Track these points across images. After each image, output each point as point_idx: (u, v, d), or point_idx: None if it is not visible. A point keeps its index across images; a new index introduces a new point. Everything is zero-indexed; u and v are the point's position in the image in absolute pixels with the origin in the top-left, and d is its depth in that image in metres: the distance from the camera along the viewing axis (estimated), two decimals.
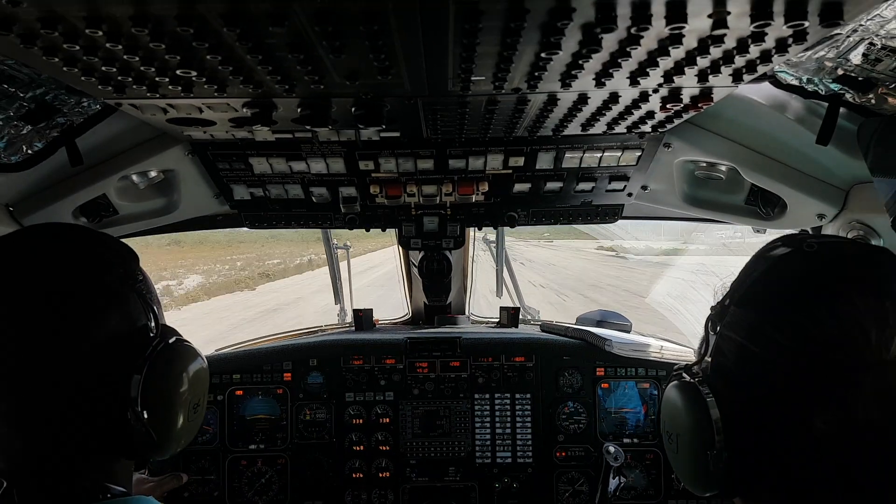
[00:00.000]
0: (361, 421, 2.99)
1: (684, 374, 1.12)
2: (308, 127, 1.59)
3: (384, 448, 2.98)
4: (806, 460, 0.94)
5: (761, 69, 1.26)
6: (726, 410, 1.00)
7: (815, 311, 0.94)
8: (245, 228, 2.59)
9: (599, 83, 1.33)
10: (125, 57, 1.12)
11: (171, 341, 1.20)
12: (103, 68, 1.17)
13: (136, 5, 0.93)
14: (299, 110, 1.53)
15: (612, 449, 2.70)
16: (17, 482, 1.05)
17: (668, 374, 2.97)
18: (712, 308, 1.10)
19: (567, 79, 1.31)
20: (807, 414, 0.92)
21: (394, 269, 3.83)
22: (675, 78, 1.31)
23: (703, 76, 1.30)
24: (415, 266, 3.19)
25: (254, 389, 3.00)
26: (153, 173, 2.14)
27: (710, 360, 1.08)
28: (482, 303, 4.79)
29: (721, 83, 1.38)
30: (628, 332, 3.32)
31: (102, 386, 1.11)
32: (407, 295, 3.74)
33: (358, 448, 2.97)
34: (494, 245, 4.04)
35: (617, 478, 2.68)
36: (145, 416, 1.12)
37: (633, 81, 1.32)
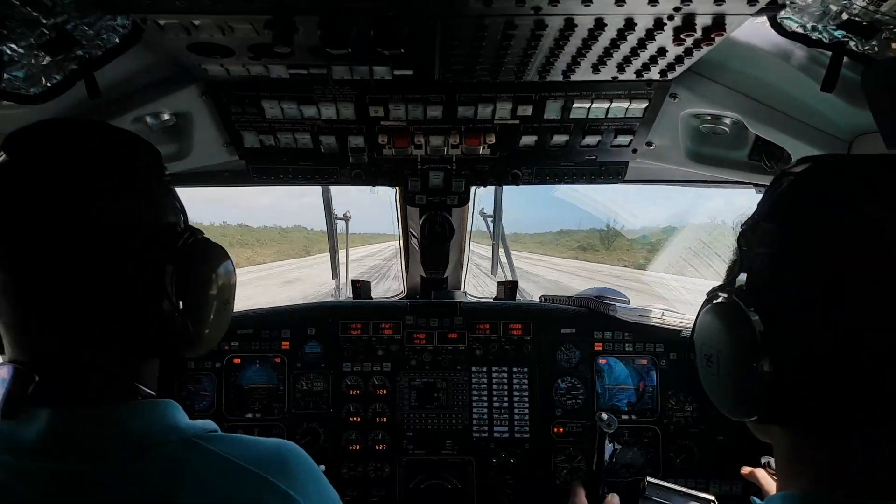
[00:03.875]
0: (359, 392, 2.98)
1: (719, 294, 1.09)
2: (327, 49, 1.59)
3: (381, 420, 2.97)
4: (850, 376, 0.91)
5: None
6: (767, 324, 0.97)
7: (844, 215, 0.93)
8: (247, 186, 2.59)
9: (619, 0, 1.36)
10: None
11: (199, 237, 1.19)
12: None
13: None
14: (319, 32, 1.54)
15: (604, 416, 2.68)
16: (45, 375, 1.02)
17: (665, 350, 3.00)
18: (742, 225, 1.08)
19: None
20: (851, 321, 0.90)
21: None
22: None
23: None
24: (413, 236, 3.21)
25: (251, 358, 2.99)
26: (166, 116, 2.13)
27: (743, 277, 1.04)
28: (475, 284, 4.80)
29: (735, 8, 1.42)
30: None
31: (135, 277, 1.08)
32: (403, 270, 3.75)
33: (355, 419, 2.96)
34: (491, 219, 4.06)
35: (612, 444, 2.70)
36: (180, 306, 1.10)
37: None
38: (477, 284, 5.59)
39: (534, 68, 1.86)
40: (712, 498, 2.32)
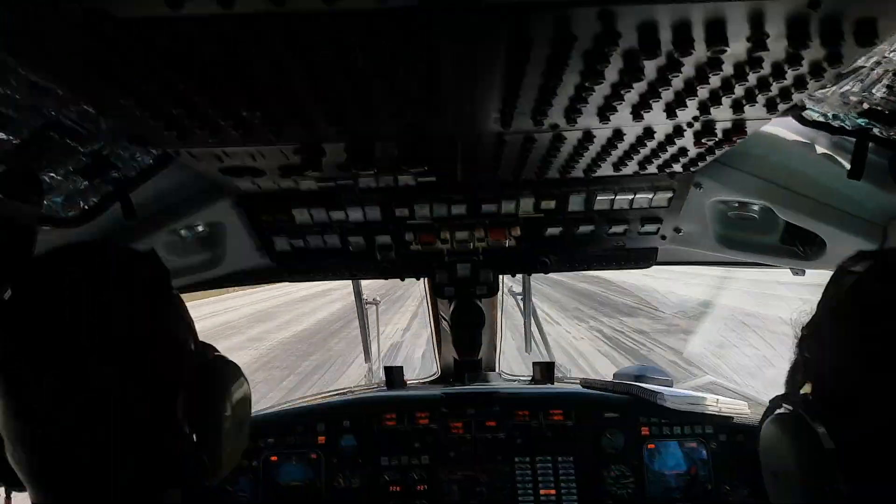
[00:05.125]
0: (399, 488, 2.85)
1: (782, 404, 1.03)
2: (354, 170, 1.65)
3: None
4: None
5: (796, 97, 1.30)
6: (839, 438, 0.91)
7: None
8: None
9: (637, 116, 1.38)
10: (196, 97, 1.18)
11: (212, 357, 1.16)
12: (173, 111, 1.24)
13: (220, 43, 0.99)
14: (345, 155, 1.60)
15: None
16: None
17: (714, 432, 2.84)
18: (802, 329, 1.04)
19: (606, 111, 1.36)
20: None
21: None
22: (711, 109, 1.35)
23: (738, 106, 1.34)
24: (444, 319, 3.19)
25: (288, 454, 2.92)
26: (200, 227, 2.22)
27: (808, 386, 0.99)
28: (509, 361, 4.72)
29: (755, 114, 1.42)
30: (670, 387, 3.21)
31: (149, 409, 1.04)
32: (436, 351, 3.71)
33: None
34: (521, 297, 4.02)
35: None
36: (194, 438, 1.07)
37: (670, 113, 1.37)
38: (510, 358, 5.48)
39: (555, 169, 1.89)
40: None
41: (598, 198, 2.13)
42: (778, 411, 1.04)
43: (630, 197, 2.13)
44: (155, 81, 1.14)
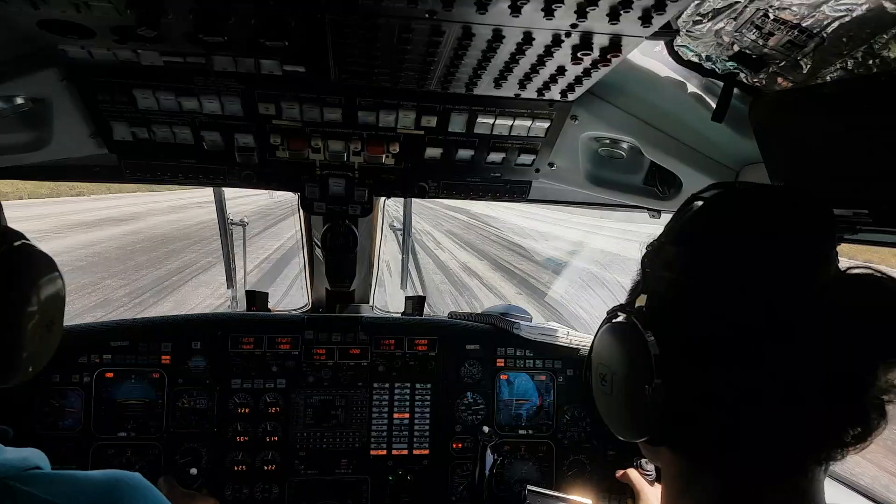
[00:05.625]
0: (248, 410, 2.78)
1: (619, 314, 1.08)
2: (201, 35, 1.43)
3: (272, 439, 2.78)
4: (740, 402, 0.91)
5: (670, 9, 1.28)
6: (664, 348, 0.96)
7: (748, 247, 0.93)
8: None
9: (514, 9, 1.31)
10: None
11: (16, 244, 1.02)
12: None
13: None
14: (191, 17, 1.38)
15: (485, 429, 2.84)
16: None
17: (563, 367, 3.04)
18: (647, 247, 1.09)
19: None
20: (724, 367, 0.91)
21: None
22: (587, 12, 1.31)
23: (613, 14, 1.31)
24: (317, 245, 3.05)
25: (126, 372, 2.71)
26: (20, 100, 1.87)
27: (644, 299, 1.04)
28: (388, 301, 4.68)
29: (630, 29, 1.40)
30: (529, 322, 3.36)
31: None
32: (307, 281, 3.57)
33: (242, 439, 2.76)
34: (400, 232, 3.96)
35: (493, 455, 2.76)
36: None
37: (548, 12, 1.31)
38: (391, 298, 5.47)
39: (435, 78, 1.79)
40: (588, 501, 2.48)
41: (479, 120, 2.07)
42: (614, 319, 1.09)
43: (510, 122, 2.09)
44: None
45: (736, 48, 1.55)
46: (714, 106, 1.71)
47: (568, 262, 20.99)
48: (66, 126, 2.00)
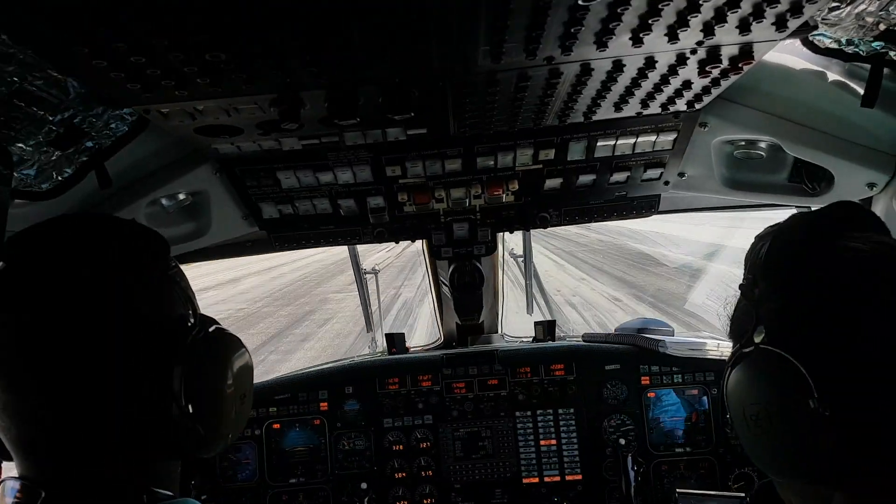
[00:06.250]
0: (402, 447, 2.90)
1: (744, 351, 1.02)
2: (336, 121, 1.55)
3: (426, 473, 2.88)
4: None
5: (808, 10, 1.20)
6: (809, 367, 0.90)
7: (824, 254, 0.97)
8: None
9: (636, 40, 1.28)
10: (154, 42, 1.09)
11: (211, 330, 1.13)
12: (131, 58, 1.14)
13: None
14: (326, 105, 1.49)
15: (622, 441, 2.79)
16: (54, 491, 0.98)
17: (715, 378, 2.86)
18: (740, 287, 1.07)
19: (603, 36, 1.26)
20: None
21: None
22: (715, 29, 1.25)
23: (744, 25, 1.24)
24: (444, 284, 3.14)
25: (291, 422, 2.94)
26: (182, 196, 2.12)
27: (762, 330, 0.99)
28: (511, 323, 4.68)
29: (763, 35, 1.33)
30: (672, 336, 3.21)
31: (142, 381, 1.03)
32: (437, 317, 3.68)
33: (400, 475, 2.88)
34: (522, 259, 3.96)
35: (634, 465, 2.69)
36: (190, 409, 1.04)
37: (672, 36, 1.27)
38: (513, 321, 5.46)
39: (552, 114, 1.79)
40: (742, 495, 2.38)
41: (599, 144, 2.03)
42: (745, 358, 1.03)
43: (632, 141, 2.03)
44: (118, 34, 1.05)
45: (882, 27, 1.42)
46: (862, 91, 1.58)
47: (705, 266, 19.62)
48: (222, 212, 2.23)
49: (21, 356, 0.98)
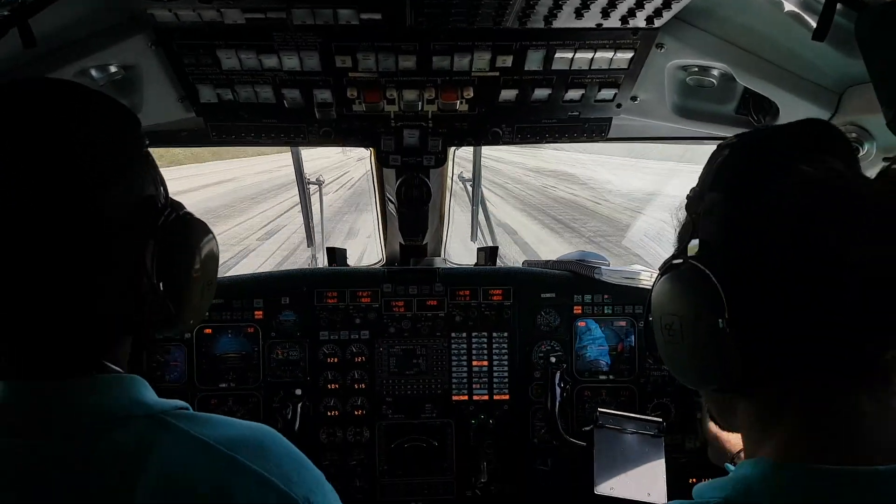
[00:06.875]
0: (336, 360, 2.92)
1: (673, 262, 1.06)
2: None
3: (359, 386, 2.92)
4: (810, 331, 0.91)
5: None
6: (725, 286, 0.94)
7: (780, 176, 0.95)
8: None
9: None
10: None
11: (181, 213, 1.11)
12: None
13: None
14: None
15: (552, 359, 2.92)
16: (5, 350, 0.99)
17: (644, 311, 2.97)
18: (688, 196, 1.08)
19: None
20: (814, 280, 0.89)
21: None
22: None
23: None
24: (391, 201, 3.10)
25: (223, 328, 2.90)
26: (114, 68, 1.95)
27: (696, 243, 1.02)
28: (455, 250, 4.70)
29: None
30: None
31: (113, 256, 1.01)
32: (381, 236, 3.65)
33: (333, 386, 2.91)
34: (470, 183, 3.95)
35: (561, 383, 2.85)
36: (161, 287, 1.04)
37: None
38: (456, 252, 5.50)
39: (513, 13, 1.74)
40: (660, 420, 2.55)
41: (557, 55, 2.01)
42: (671, 269, 1.07)
43: (590, 55, 2.02)
44: None
45: None
46: (815, 24, 1.59)
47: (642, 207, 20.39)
48: (156, 90, 2.09)
49: None
